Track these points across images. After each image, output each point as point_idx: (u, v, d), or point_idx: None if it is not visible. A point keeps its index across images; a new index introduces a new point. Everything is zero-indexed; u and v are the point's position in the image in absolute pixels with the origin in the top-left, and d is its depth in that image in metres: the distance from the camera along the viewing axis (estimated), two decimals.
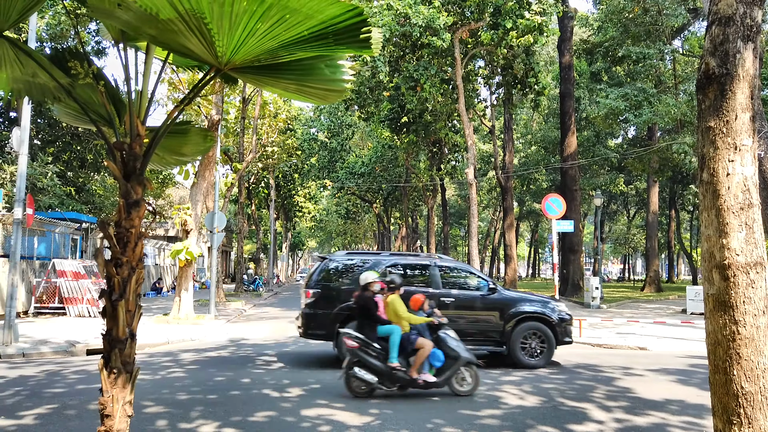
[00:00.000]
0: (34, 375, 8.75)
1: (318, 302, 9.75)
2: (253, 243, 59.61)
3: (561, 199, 16.50)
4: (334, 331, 9.54)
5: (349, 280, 9.91)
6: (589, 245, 67.08)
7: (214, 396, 7.32)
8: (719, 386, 3.32)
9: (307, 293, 9.85)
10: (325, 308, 9.70)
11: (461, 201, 59.93)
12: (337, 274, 10.13)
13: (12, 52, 3.07)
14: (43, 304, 17.24)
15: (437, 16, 20.60)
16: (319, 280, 9.94)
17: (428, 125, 29.32)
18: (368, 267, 10.00)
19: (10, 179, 16.88)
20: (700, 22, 31.45)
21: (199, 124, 18.48)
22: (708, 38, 3.43)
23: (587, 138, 38.20)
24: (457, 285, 10.38)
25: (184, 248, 16.46)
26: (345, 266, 10.20)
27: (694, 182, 40.46)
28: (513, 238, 36.74)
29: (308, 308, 9.80)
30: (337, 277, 10.08)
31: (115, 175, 3.01)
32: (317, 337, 9.98)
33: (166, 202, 35.34)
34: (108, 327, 2.93)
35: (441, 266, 10.35)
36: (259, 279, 37.61)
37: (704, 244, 3.42)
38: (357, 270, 9.98)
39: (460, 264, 11.05)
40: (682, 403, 7.32)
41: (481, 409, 6.80)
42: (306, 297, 9.86)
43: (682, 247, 50.08)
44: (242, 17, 2.40)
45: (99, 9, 2.70)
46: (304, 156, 42.24)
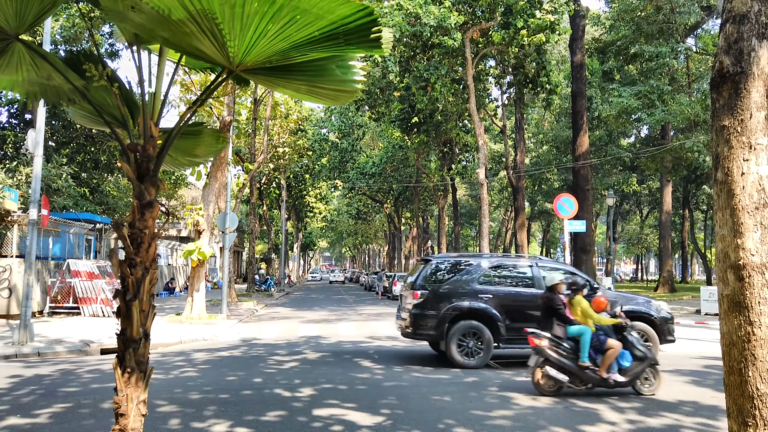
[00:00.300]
0: (49, 374, 8.85)
1: (426, 303, 9.90)
2: (264, 243, 59.85)
3: (573, 199, 16.42)
4: (442, 331, 9.72)
5: (454, 281, 10.08)
6: (601, 245, 66.61)
7: (226, 395, 7.36)
8: (734, 388, 3.28)
9: (414, 294, 9.99)
10: (433, 309, 9.83)
11: (472, 201, 59.77)
12: (442, 275, 10.27)
13: (28, 55, 3.11)
14: (57, 303, 17.42)
15: (448, 16, 20.56)
16: (425, 281, 10.10)
17: (439, 125, 29.28)
18: (470, 268, 10.19)
19: (25, 180, 17.09)
20: (713, 20, 31.14)
21: (210, 125, 18.58)
22: (722, 36, 3.39)
23: (599, 137, 37.94)
24: None
25: (196, 248, 16.57)
26: (449, 268, 10.35)
27: (708, 181, 40.05)
28: (524, 238, 36.56)
29: (417, 309, 9.92)
30: (443, 279, 10.21)
31: (129, 177, 3.04)
32: (426, 337, 10.16)
33: (178, 202, 35.60)
34: (122, 327, 2.95)
35: (542, 266, 10.51)
36: (270, 279, 37.76)
37: (719, 244, 3.39)
38: (461, 271, 10.16)
39: (560, 264, 11.24)
40: (696, 404, 7.25)
41: (493, 409, 6.78)
42: (414, 298, 9.99)
43: (696, 247, 49.55)
44: (253, 18, 2.41)
45: (113, 12, 2.73)
46: (315, 156, 42.36)
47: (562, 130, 41.00)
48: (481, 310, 9.77)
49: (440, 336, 9.78)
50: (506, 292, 10.05)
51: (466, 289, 9.93)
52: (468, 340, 9.68)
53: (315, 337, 13.74)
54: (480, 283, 10.02)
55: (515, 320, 9.78)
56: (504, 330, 9.75)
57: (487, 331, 9.67)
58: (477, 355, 9.65)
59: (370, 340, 13.22)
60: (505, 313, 9.83)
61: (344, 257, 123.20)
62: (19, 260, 15.68)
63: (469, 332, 9.69)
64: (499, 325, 9.73)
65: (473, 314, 9.78)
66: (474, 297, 9.87)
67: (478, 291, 9.92)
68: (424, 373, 9.09)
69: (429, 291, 9.96)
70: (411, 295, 10.07)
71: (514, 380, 8.62)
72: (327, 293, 39.38)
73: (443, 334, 9.72)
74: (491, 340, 9.66)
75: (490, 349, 9.67)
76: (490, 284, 10.09)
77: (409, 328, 10.03)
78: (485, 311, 9.78)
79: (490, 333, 9.66)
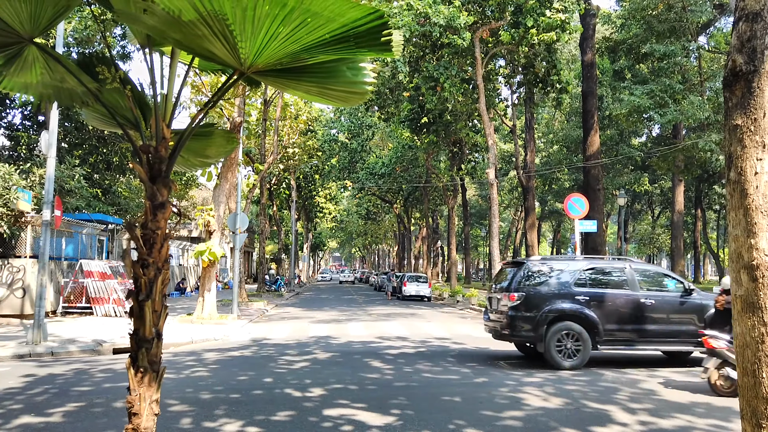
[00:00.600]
0: (62, 373, 8.94)
1: (523, 305, 10.02)
2: (274, 243, 60.07)
3: (584, 199, 16.34)
4: (541, 333, 9.83)
5: (550, 284, 10.21)
6: (612, 245, 66.16)
7: (237, 395, 7.40)
8: (748, 389, 3.25)
9: (511, 296, 10.11)
10: (530, 311, 9.95)
11: (482, 201, 59.61)
12: (537, 277, 10.38)
13: (42, 58, 3.15)
14: (70, 303, 17.59)
15: (458, 16, 20.52)
16: (521, 283, 10.22)
17: (448, 125, 29.24)
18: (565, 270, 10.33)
19: (39, 182, 17.26)
20: (726, 18, 30.84)
21: (221, 126, 18.67)
22: (735, 35, 3.37)
23: (610, 137, 37.70)
24: (654, 287, 10.60)
25: (207, 249, 16.66)
26: (544, 270, 10.47)
27: (720, 181, 39.67)
28: (535, 238, 36.40)
29: (514, 311, 10.04)
30: (538, 281, 10.33)
31: (141, 178, 3.06)
32: (523, 338, 10.24)
33: (189, 203, 35.81)
34: (135, 327, 2.98)
35: (636, 269, 10.59)
36: (280, 279, 37.89)
37: (732, 245, 3.36)
38: (556, 274, 10.32)
39: (653, 266, 11.36)
40: (709, 405, 7.19)
41: (503, 410, 6.76)
42: (510, 300, 10.11)
43: (709, 247, 49.12)
44: (264, 21, 2.42)
45: (125, 14, 2.75)
46: (325, 157, 42.45)
47: (572, 130, 40.80)
48: (579, 312, 9.87)
49: (538, 338, 9.89)
50: (602, 293, 10.16)
51: (563, 291, 10.08)
52: (566, 342, 9.80)
53: (325, 338, 13.78)
54: (576, 285, 10.15)
55: (612, 321, 9.93)
56: (602, 331, 9.85)
57: (585, 332, 9.78)
58: (575, 356, 9.76)
59: (379, 341, 13.23)
60: (601, 314, 9.93)
61: (354, 257, 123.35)
62: (32, 261, 15.84)
63: (566, 333, 9.81)
64: (596, 326, 9.84)
65: (571, 316, 9.91)
66: (571, 299, 10.01)
67: (574, 293, 10.06)
68: (434, 374, 9.08)
69: (526, 293, 10.08)
70: (507, 297, 10.20)
71: (524, 381, 8.59)
72: (337, 293, 39.44)
73: (542, 335, 9.84)
74: (589, 342, 9.78)
75: (588, 350, 9.79)
76: (586, 286, 10.20)
77: (506, 329, 10.16)
78: (582, 313, 9.90)
79: (588, 334, 9.78)
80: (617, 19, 31.41)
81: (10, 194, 15.19)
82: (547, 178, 43.65)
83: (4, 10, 2.70)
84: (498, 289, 10.84)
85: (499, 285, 10.90)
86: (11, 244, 16.71)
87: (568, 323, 9.82)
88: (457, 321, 19.05)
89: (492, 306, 10.99)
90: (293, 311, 22.46)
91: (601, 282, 10.37)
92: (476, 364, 10.09)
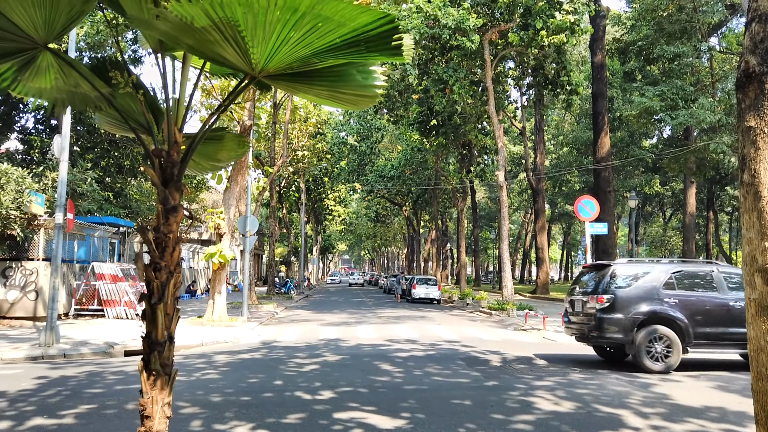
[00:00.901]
0: (74, 375, 9.01)
1: (612, 308, 10.04)
2: (284, 246, 60.24)
3: (594, 201, 16.25)
4: (631, 336, 9.85)
5: (638, 287, 10.23)
6: (623, 248, 65.72)
7: (247, 398, 7.42)
8: (762, 394, 3.22)
9: (599, 298, 10.15)
10: (619, 313, 9.98)
11: (491, 203, 59.46)
12: (625, 280, 10.41)
13: (56, 63, 3.19)
14: (82, 306, 17.74)
15: (467, 18, 20.51)
16: (609, 286, 10.25)
17: (458, 127, 29.22)
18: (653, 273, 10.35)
19: (51, 185, 17.43)
20: (738, 19, 30.58)
21: (231, 129, 18.76)
22: (747, 35, 3.34)
23: (621, 138, 37.49)
24: (742, 290, 10.58)
25: (217, 251, 16.74)
26: (632, 273, 10.50)
27: (733, 183, 39.30)
28: (545, 240, 36.23)
29: (602, 313, 10.07)
30: (627, 284, 10.34)
31: (153, 182, 3.08)
32: (612, 341, 10.25)
33: (200, 206, 35.99)
34: (147, 330, 3.00)
35: (724, 272, 10.58)
36: (290, 282, 37.98)
37: (745, 247, 3.33)
38: (644, 276, 10.33)
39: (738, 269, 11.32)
40: (722, 410, 7.12)
41: (514, 414, 6.73)
42: (599, 302, 10.15)
43: (721, 249, 48.67)
44: (276, 26, 2.44)
45: (138, 20, 2.78)
46: (334, 159, 42.54)
47: (582, 132, 40.62)
48: (668, 315, 9.88)
49: (628, 340, 9.90)
50: (691, 296, 10.15)
51: (651, 294, 10.09)
52: (656, 345, 9.81)
53: (334, 340, 13.78)
54: (664, 288, 10.14)
55: (701, 324, 9.91)
56: (691, 334, 9.85)
57: (675, 335, 9.78)
58: (665, 359, 9.76)
59: (389, 344, 13.22)
60: (691, 317, 9.92)
61: (363, 260, 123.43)
62: (45, 263, 15.99)
63: (656, 336, 9.82)
64: (686, 329, 9.83)
65: (660, 319, 9.91)
66: (659, 301, 10.02)
67: (663, 296, 10.06)
68: (444, 377, 9.06)
69: (615, 295, 10.09)
70: (595, 300, 10.21)
71: (534, 384, 8.54)
72: (346, 296, 39.47)
73: (632, 338, 9.84)
74: (680, 345, 9.76)
75: (679, 354, 9.77)
76: (674, 288, 10.19)
77: (594, 332, 10.17)
78: (672, 315, 9.90)
79: (678, 337, 9.77)
80: (627, 21, 31.28)
81: (23, 197, 15.36)
82: (557, 180, 43.46)
83: (20, 16, 2.74)
84: (581, 291, 10.87)
85: (583, 287, 10.94)
86: (24, 246, 16.88)
87: (658, 326, 9.83)
88: (466, 324, 18.99)
89: (574, 308, 11.00)
90: (303, 314, 22.50)
91: (689, 285, 10.34)
92: (486, 368, 10.05)
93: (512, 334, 16.13)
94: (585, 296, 10.59)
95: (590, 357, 11.61)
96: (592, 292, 10.37)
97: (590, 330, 10.25)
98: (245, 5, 2.28)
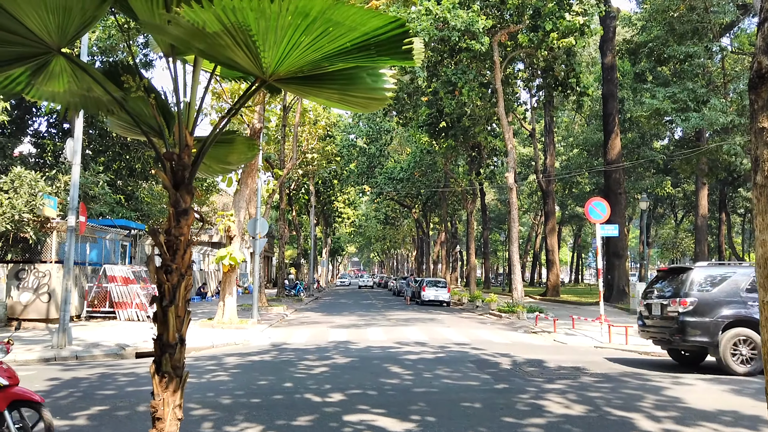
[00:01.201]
0: (86, 377, 9.08)
1: (696, 311, 10.09)
2: (293, 248, 60.40)
3: (605, 203, 16.14)
4: (715, 339, 9.89)
5: (721, 290, 10.26)
6: (634, 250, 65.26)
7: (257, 400, 7.44)
8: None
9: (682, 302, 10.19)
10: (703, 316, 10.03)
11: (501, 205, 59.29)
12: (707, 283, 10.45)
13: (69, 68, 3.22)
14: (94, 308, 17.88)
15: (476, 20, 20.49)
16: (691, 289, 10.28)
17: (467, 129, 29.18)
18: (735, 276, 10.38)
19: (64, 188, 17.59)
20: (750, 19, 30.32)
21: (241, 132, 18.87)
22: (760, 36, 3.31)
23: (632, 140, 37.24)
24: None
25: (228, 254, 16.82)
26: (712, 276, 10.54)
27: (745, 184, 38.92)
28: (555, 242, 36.05)
29: (686, 316, 10.12)
30: (709, 287, 10.39)
31: (165, 185, 3.10)
32: (696, 344, 10.26)
33: (210, 208, 36.18)
34: (159, 332, 3.01)
35: None
36: (299, 284, 38.06)
37: (758, 250, 3.29)
38: (726, 280, 10.37)
39: None
40: (736, 413, 7.04)
41: (525, 417, 6.70)
42: (681, 306, 10.18)
43: (734, 251, 48.14)
44: (287, 31, 2.45)
45: (150, 25, 2.80)
46: (344, 162, 42.60)
47: (593, 133, 40.41)
48: (754, 318, 9.81)
49: (713, 344, 9.92)
50: None
51: (735, 297, 10.11)
52: (741, 348, 9.81)
53: (344, 342, 13.79)
54: (747, 291, 10.15)
55: None
56: None
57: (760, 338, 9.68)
58: (751, 362, 9.75)
59: (399, 346, 13.21)
60: None
61: (372, 262, 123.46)
62: (58, 266, 16.14)
63: (742, 339, 9.83)
64: None
65: (745, 322, 9.91)
66: (744, 305, 10.04)
67: (746, 299, 10.07)
68: (454, 380, 9.03)
69: (698, 299, 10.11)
70: (677, 303, 10.23)
71: (545, 387, 8.50)
72: (356, 298, 39.49)
73: (717, 342, 9.86)
74: None
75: None
76: (756, 291, 10.08)
77: (677, 335, 10.19)
78: (758, 319, 9.78)
79: None
80: (638, 21, 31.09)
81: (36, 201, 15.52)
82: (568, 182, 43.27)
83: (34, 21, 2.77)
84: (659, 295, 10.85)
85: (660, 291, 10.92)
86: (37, 249, 17.05)
87: (743, 329, 9.82)
88: (476, 326, 18.94)
89: (652, 312, 10.98)
90: (312, 316, 22.54)
91: None
92: (496, 370, 10.01)
93: (522, 336, 16.06)
94: (665, 300, 10.56)
95: (600, 360, 11.54)
96: (673, 296, 10.37)
97: (672, 333, 10.24)
98: (257, 10, 2.30)
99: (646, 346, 13.09)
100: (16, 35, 2.83)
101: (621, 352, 12.91)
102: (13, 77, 3.26)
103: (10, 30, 2.76)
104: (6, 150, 21.11)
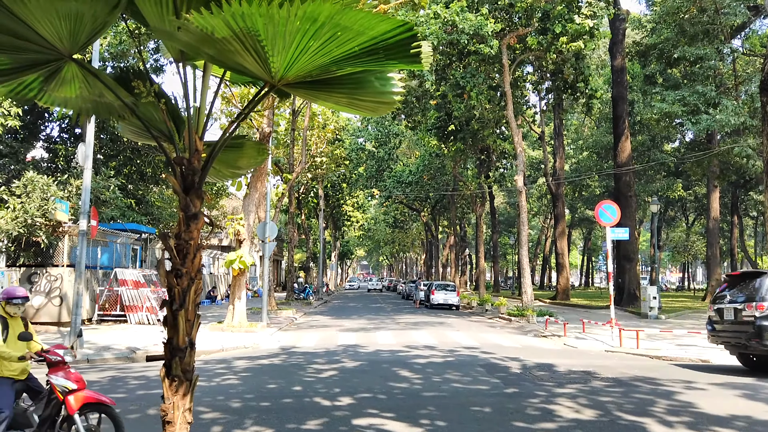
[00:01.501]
0: (97, 380, 9.14)
1: None
2: (302, 252, 60.53)
3: (615, 206, 16.04)
4: None
5: None
6: (645, 253, 64.81)
7: (267, 403, 7.45)
8: None
9: (759, 306, 10.15)
10: None
11: (510, 208, 59.13)
12: None
13: (80, 74, 3.25)
14: (105, 311, 18.00)
15: (485, 24, 20.48)
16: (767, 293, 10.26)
17: (476, 133, 29.15)
18: None
19: (75, 192, 17.75)
20: (761, 20, 30.09)
21: (251, 137, 18.97)
22: None
23: (642, 142, 37.02)
24: None
25: (237, 257, 16.88)
26: None
27: (757, 187, 38.54)
28: (565, 245, 35.89)
29: (765, 320, 10.04)
30: None
31: (175, 189, 3.12)
32: None
33: (219, 212, 36.34)
34: (169, 336, 3.03)
35: None
36: (309, 287, 38.12)
37: None
38: None
39: None
40: (749, 419, 6.96)
41: (536, 422, 6.66)
42: (758, 310, 10.14)
43: (746, 254, 47.69)
44: (295, 36, 2.46)
45: (161, 31, 2.83)
46: (352, 166, 42.67)
47: (602, 136, 40.23)
48: None
49: None
50: None
51: None
52: None
53: (353, 346, 13.79)
54: None
55: None
56: None
57: None
58: None
59: (408, 350, 13.19)
60: None
61: (381, 266, 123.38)
62: (69, 269, 16.28)
63: None
64: None
65: None
66: None
67: None
68: (464, 384, 9.00)
69: None
70: (753, 307, 10.17)
71: (555, 392, 8.45)
72: (364, 302, 39.49)
73: None
74: None
75: None
76: None
77: (754, 339, 10.12)
78: None
79: None
80: (648, 23, 30.93)
81: (48, 205, 15.66)
82: (577, 185, 43.08)
83: (46, 28, 2.80)
84: (731, 299, 10.78)
85: (733, 296, 10.84)
86: (49, 253, 17.21)
87: None
88: (486, 330, 18.87)
89: (724, 318, 10.91)
90: (322, 319, 22.56)
91: None
92: (506, 374, 9.96)
93: (532, 340, 15.98)
94: (739, 304, 10.48)
95: (611, 364, 11.45)
96: (748, 300, 10.28)
97: (749, 338, 10.15)
98: (266, 16, 2.31)
99: (657, 350, 12.98)
100: (29, 42, 2.86)
101: (632, 357, 12.81)
102: (27, 83, 3.30)
103: (23, 37, 2.80)
104: (19, 155, 21.34)
